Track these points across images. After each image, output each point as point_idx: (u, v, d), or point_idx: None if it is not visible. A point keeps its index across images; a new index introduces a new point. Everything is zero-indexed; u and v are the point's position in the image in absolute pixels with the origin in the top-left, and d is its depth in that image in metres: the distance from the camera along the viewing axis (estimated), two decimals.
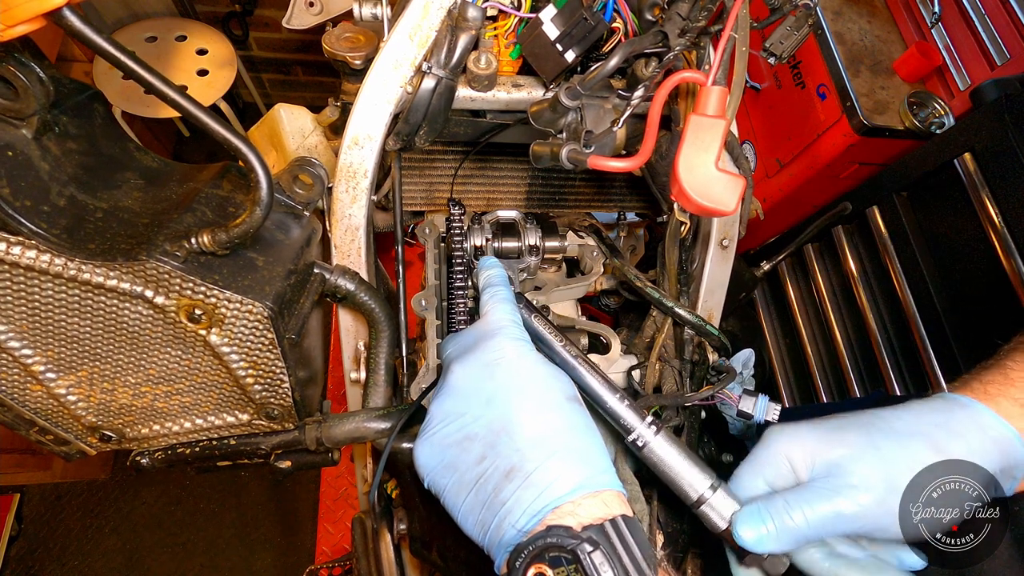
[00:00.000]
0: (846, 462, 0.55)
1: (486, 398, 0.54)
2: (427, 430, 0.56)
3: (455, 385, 0.56)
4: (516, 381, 0.55)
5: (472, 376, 0.56)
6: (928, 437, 0.55)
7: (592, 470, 0.50)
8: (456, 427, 0.54)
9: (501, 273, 0.69)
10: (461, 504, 0.52)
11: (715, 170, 0.60)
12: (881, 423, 0.57)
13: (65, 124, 0.60)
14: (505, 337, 0.58)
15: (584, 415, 0.55)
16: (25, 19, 0.45)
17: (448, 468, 0.53)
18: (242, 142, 0.55)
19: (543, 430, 0.52)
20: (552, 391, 0.55)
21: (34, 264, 0.55)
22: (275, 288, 0.63)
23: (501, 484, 0.50)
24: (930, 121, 1.74)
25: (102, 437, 0.75)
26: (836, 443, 0.56)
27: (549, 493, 0.48)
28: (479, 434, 0.52)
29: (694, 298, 0.92)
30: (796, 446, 0.58)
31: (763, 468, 0.59)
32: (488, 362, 0.56)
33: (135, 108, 2.36)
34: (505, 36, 0.75)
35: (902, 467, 0.54)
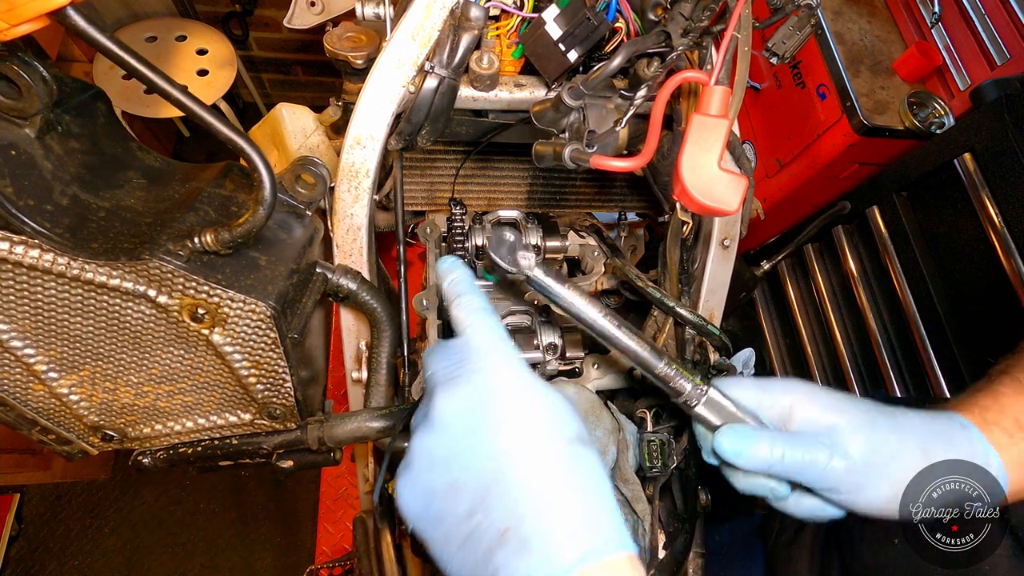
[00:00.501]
0: (841, 427, 0.57)
1: (475, 439, 0.47)
2: (410, 470, 0.49)
3: (439, 419, 0.48)
4: (509, 420, 0.47)
5: (458, 410, 0.48)
6: (922, 440, 0.58)
7: (600, 532, 0.44)
8: (442, 473, 0.47)
9: (466, 275, 0.58)
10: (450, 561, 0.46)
11: (718, 170, 0.60)
12: (888, 413, 0.60)
13: (68, 123, 0.60)
14: (493, 361, 0.50)
15: (590, 458, 0.48)
16: (29, 18, 0.45)
17: (434, 519, 0.47)
18: (245, 141, 0.55)
19: (542, 483, 0.45)
20: (552, 431, 0.47)
21: (37, 263, 0.55)
22: (278, 287, 0.63)
23: (494, 546, 0.43)
24: (930, 121, 1.74)
25: (104, 437, 0.75)
26: (841, 411, 0.59)
27: (552, 563, 0.42)
28: (468, 484, 0.46)
29: (695, 298, 0.92)
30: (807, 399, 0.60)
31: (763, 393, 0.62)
32: (475, 393, 0.48)
33: (135, 108, 2.36)
34: (507, 36, 0.75)
35: (886, 453, 0.57)
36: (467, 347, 0.52)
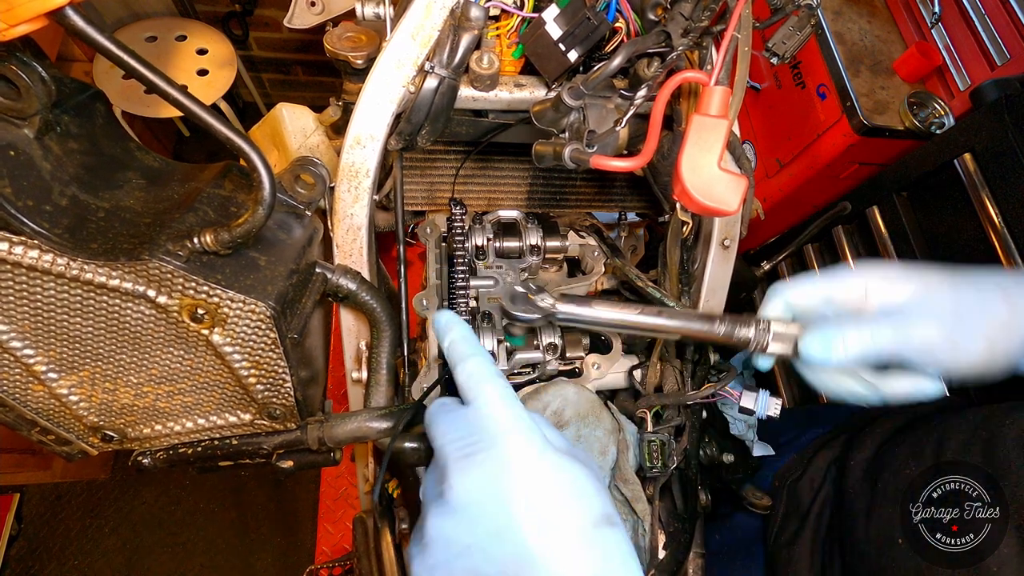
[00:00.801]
0: (923, 293, 0.57)
1: (497, 526, 0.45)
2: (426, 554, 0.47)
3: (457, 503, 0.46)
4: (534, 503, 0.45)
5: (476, 493, 0.46)
6: (1003, 288, 0.58)
7: None
8: (462, 562, 0.45)
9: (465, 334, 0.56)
10: None
11: (718, 170, 0.60)
12: (964, 273, 0.60)
13: (67, 124, 0.60)
14: (509, 439, 0.48)
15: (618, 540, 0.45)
16: (27, 18, 0.45)
17: None
18: (245, 141, 0.55)
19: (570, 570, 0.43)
20: (576, 515, 0.45)
21: (36, 264, 0.55)
22: (277, 288, 0.62)
23: None
24: (930, 121, 1.74)
25: (104, 437, 0.75)
26: (917, 279, 0.59)
27: None
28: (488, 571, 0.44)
29: (695, 298, 0.92)
30: (882, 277, 0.60)
31: (834, 284, 0.61)
32: (493, 475, 0.46)
33: (135, 108, 2.36)
34: (508, 36, 0.75)
35: (974, 310, 0.57)
36: (479, 422, 0.49)
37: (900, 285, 0.59)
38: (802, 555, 0.90)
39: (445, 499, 0.47)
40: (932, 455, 0.75)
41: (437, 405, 0.55)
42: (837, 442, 0.98)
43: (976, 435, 0.72)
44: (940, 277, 0.59)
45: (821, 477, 0.95)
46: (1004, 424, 0.70)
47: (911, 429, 0.85)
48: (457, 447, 0.48)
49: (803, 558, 0.90)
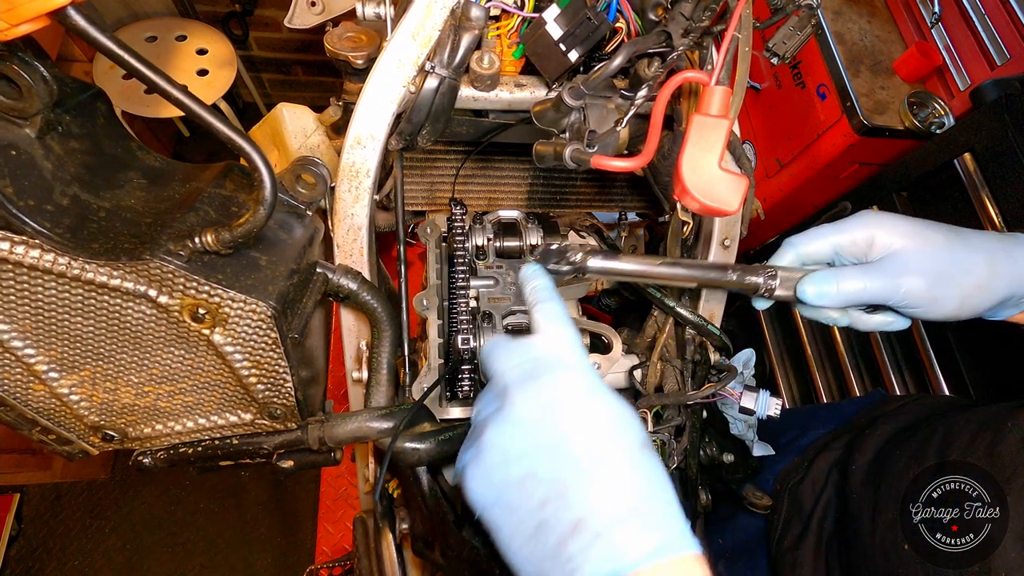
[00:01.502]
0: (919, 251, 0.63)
1: (554, 439, 0.49)
2: (482, 459, 0.51)
3: (519, 417, 0.51)
4: (587, 424, 0.50)
5: (538, 411, 0.51)
6: (990, 253, 0.65)
7: (670, 531, 0.46)
8: (517, 466, 0.49)
9: (548, 284, 0.62)
10: (517, 549, 0.48)
11: (718, 170, 0.60)
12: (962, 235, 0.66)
13: (68, 123, 0.60)
14: (574, 371, 0.53)
15: (657, 464, 0.50)
16: (29, 18, 0.45)
17: (506, 507, 0.49)
18: (246, 141, 0.55)
19: (616, 482, 0.47)
20: (626, 438, 0.50)
21: (37, 264, 0.55)
22: (278, 287, 0.63)
23: (566, 537, 0.45)
24: (930, 121, 1.74)
25: (104, 437, 0.75)
26: (922, 236, 0.64)
27: (625, 554, 0.44)
28: (544, 476, 0.48)
29: (696, 298, 0.92)
30: (888, 228, 0.65)
31: (841, 235, 0.66)
32: (556, 398, 0.51)
33: (135, 108, 2.36)
34: (508, 36, 0.75)
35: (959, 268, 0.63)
36: (546, 351, 0.55)
37: (901, 239, 0.64)
38: (806, 559, 0.90)
39: (505, 414, 0.51)
40: (935, 456, 0.75)
41: (494, 341, 0.59)
42: (839, 444, 0.98)
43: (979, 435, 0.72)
44: (939, 236, 0.65)
45: (823, 480, 0.95)
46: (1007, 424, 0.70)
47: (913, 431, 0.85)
48: (522, 371, 0.53)
49: (807, 562, 0.90)
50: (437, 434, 0.77)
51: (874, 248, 0.65)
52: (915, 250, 0.64)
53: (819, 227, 0.69)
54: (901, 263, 0.63)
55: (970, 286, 0.64)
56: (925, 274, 0.63)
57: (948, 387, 1.58)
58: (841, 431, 1.02)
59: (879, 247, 0.65)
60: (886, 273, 0.63)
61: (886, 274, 0.63)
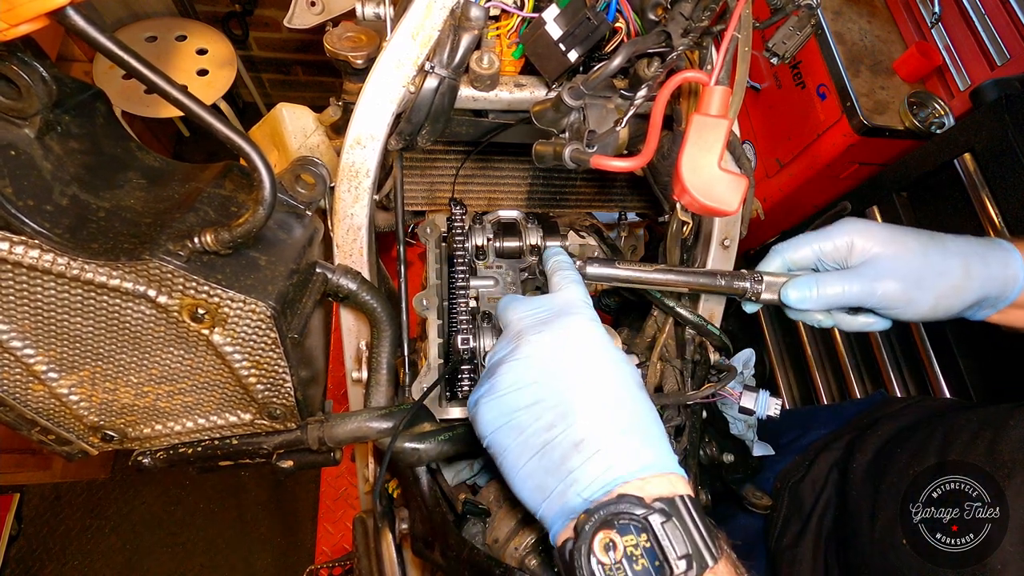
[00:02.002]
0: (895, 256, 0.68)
1: (562, 370, 0.54)
2: (494, 389, 0.56)
3: (530, 355, 0.56)
4: (592, 361, 0.55)
5: (549, 349, 0.56)
6: (965, 258, 0.69)
7: (660, 452, 0.51)
8: (527, 393, 0.54)
9: (568, 260, 0.70)
10: (521, 467, 0.52)
11: (718, 170, 0.60)
12: (938, 240, 0.70)
13: (67, 123, 0.60)
14: (582, 318, 0.59)
15: (651, 403, 0.56)
16: (28, 18, 0.45)
17: (513, 429, 0.54)
18: (245, 141, 0.55)
19: (616, 409, 0.53)
20: (625, 376, 0.56)
21: (37, 264, 0.55)
22: (278, 287, 0.62)
23: (569, 453, 0.50)
24: (930, 121, 1.74)
25: (104, 437, 0.75)
26: (898, 242, 0.68)
27: (620, 467, 0.49)
28: (550, 403, 0.53)
29: (695, 298, 0.92)
30: (866, 235, 0.69)
31: (823, 242, 0.71)
32: (566, 339, 0.56)
33: (135, 108, 2.36)
34: (508, 36, 0.75)
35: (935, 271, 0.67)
36: (560, 303, 0.61)
37: (879, 245, 0.68)
38: (804, 556, 0.90)
39: (519, 351, 0.57)
40: (935, 455, 0.75)
41: (510, 296, 0.66)
42: (839, 444, 0.98)
43: (980, 435, 0.72)
44: (915, 242, 0.69)
45: (823, 479, 0.95)
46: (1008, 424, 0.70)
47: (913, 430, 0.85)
48: (536, 318, 0.59)
49: (805, 559, 0.90)
50: (437, 434, 0.77)
51: (854, 254, 0.70)
52: (892, 255, 0.68)
53: (804, 235, 0.73)
54: (878, 268, 0.68)
55: (944, 288, 0.68)
56: (901, 278, 0.67)
57: (948, 388, 1.58)
58: (842, 431, 1.02)
59: (858, 252, 0.69)
60: (864, 277, 0.67)
61: (864, 278, 0.67)
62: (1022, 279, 0.70)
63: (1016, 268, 0.70)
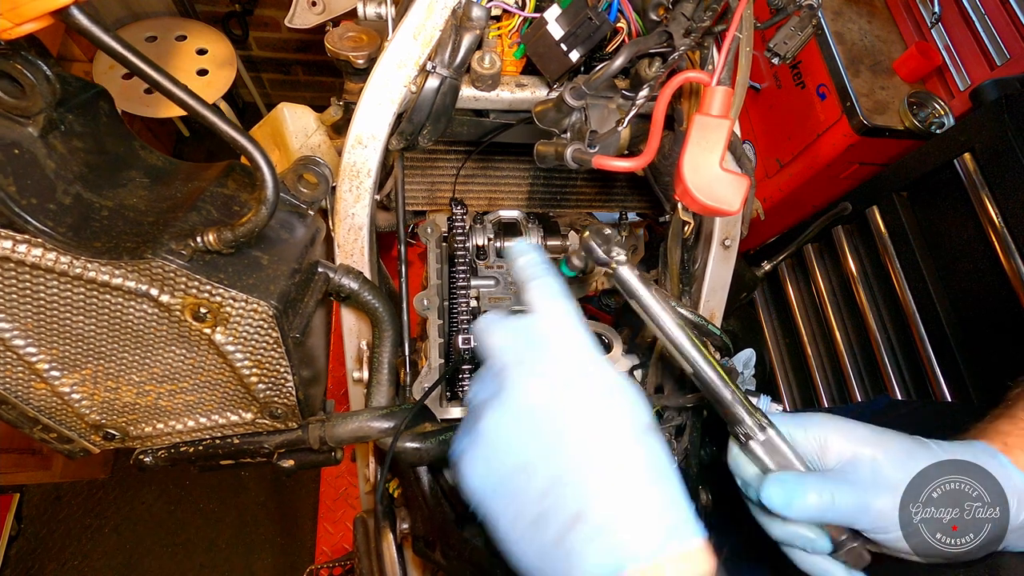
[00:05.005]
0: (882, 462, 0.57)
1: (553, 426, 0.47)
2: (479, 446, 0.49)
3: (517, 403, 0.48)
4: (588, 407, 0.48)
5: (536, 395, 0.48)
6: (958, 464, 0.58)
7: (674, 521, 0.44)
8: (517, 452, 0.47)
9: (539, 258, 0.57)
10: (517, 539, 0.46)
11: (719, 170, 0.60)
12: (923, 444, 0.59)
13: (71, 122, 0.60)
14: (572, 349, 0.51)
15: (660, 448, 0.48)
16: (32, 17, 0.45)
17: (504, 496, 0.47)
18: (248, 141, 0.55)
19: (617, 471, 0.45)
20: (629, 420, 0.48)
21: (40, 262, 0.55)
22: (280, 287, 0.63)
23: (567, 529, 0.43)
24: (930, 121, 1.75)
25: (105, 435, 0.75)
26: (877, 444, 0.58)
27: (628, 547, 0.42)
28: (543, 465, 0.46)
29: (696, 298, 0.92)
30: (840, 435, 0.59)
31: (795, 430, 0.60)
32: (555, 380, 0.49)
33: (135, 108, 2.36)
34: (509, 36, 0.76)
35: None
36: (544, 331, 0.52)
37: (862, 448, 0.58)
38: None
39: (502, 399, 0.49)
40: None
41: (488, 318, 0.55)
42: None
43: None
44: (899, 446, 0.58)
45: None
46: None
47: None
48: (519, 353, 0.51)
49: None
50: (438, 434, 0.77)
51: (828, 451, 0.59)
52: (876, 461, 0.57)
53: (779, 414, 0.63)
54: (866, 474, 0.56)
55: None
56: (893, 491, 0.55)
57: (948, 389, 1.58)
58: None
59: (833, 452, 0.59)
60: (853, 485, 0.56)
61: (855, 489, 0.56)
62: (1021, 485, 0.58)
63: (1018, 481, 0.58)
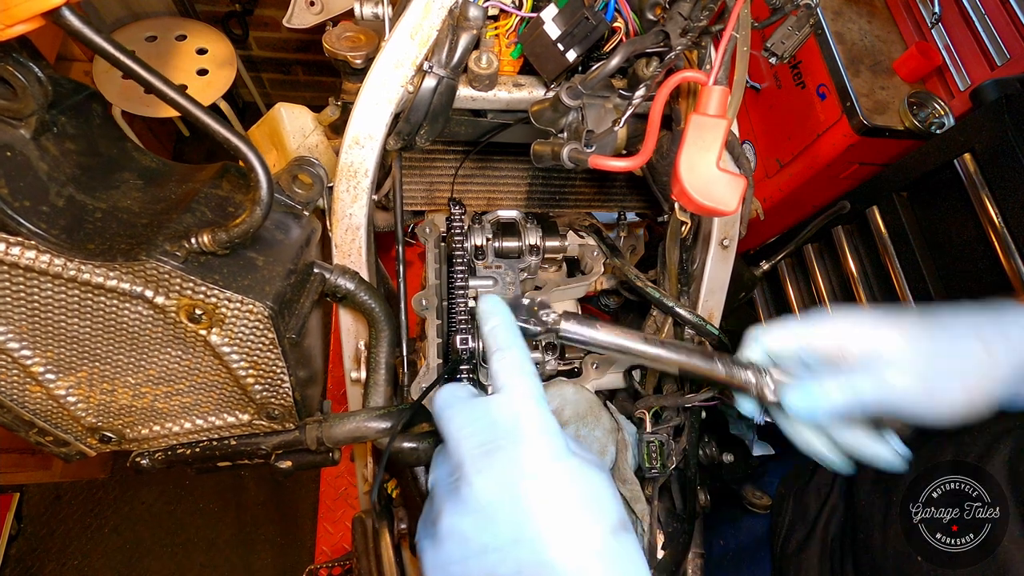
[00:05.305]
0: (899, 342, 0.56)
1: (516, 529, 0.45)
2: (440, 551, 0.47)
3: (475, 502, 0.46)
4: (553, 508, 0.45)
5: (497, 495, 0.46)
6: (978, 329, 0.57)
7: None
8: (478, 562, 0.45)
9: (508, 322, 0.55)
10: None
11: (716, 170, 0.60)
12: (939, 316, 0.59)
13: (63, 124, 0.60)
14: (536, 441, 0.47)
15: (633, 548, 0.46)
16: (24, 19, 0.45)
17: None
18: (242, 141, 0.55)
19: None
20: (597, 521, 0.46)
21: (33, 264, 0.55)
22: (275, 288, 0.62)
23: None
24: (930, 121, 1.74)
25: (102, 438, 0.75)
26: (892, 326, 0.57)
27: None
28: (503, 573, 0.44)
29: (694, 298, 0.91)
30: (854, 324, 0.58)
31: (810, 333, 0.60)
32: (517, 477, 0.46)
33: (135, 108, 2.36)
34: (506, 35, 0.75)
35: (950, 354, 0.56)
36: (504, 415, 0.49)
37: (875, 333, 0.57)
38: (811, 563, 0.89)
39: (461, 496, 0.47)
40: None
41: (448, 394, 0.53)
42: None
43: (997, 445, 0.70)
44: (915, 323, 0.58)
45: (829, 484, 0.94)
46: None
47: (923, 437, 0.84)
48: (477, 441, 0.48)
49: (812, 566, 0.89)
50: (435, 434, 0.77)
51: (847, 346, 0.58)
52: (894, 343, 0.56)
53: (785, 321, 0.63)
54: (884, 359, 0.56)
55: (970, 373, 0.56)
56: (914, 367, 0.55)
57: None
58: None
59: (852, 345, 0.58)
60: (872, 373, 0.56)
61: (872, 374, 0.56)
62: None
63: None
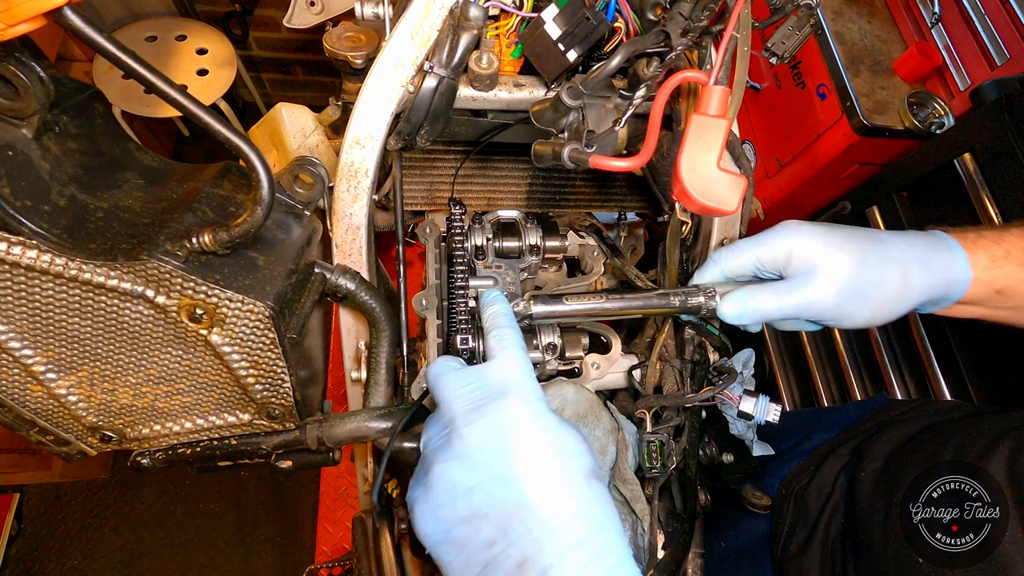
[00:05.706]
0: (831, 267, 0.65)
1: (500, 472, 0.50)
2: (430, 495, 0.51)
3: (465, 451, 0.51)
4: (533, 455, 0.51)
5: (484, 443, 0.51)
6: (906, 266, 0.66)
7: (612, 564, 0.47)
8: (464, 502, 0.50)
9: (506, 311, 0.63)
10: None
11: (717, 170, 0.60)
12: (879, 245, 0.67)
13: (65, 124, 0.60)
14: (521, 398, 0.53)
15: (602, 493, 0.52)
16: (26, 18, 0.45)
17: (454, 545, 0.50)
18: (243, 141, 0.55)
19: (561, 516, 0.48)
20: (572, 468, 0.51)
21: (35, 264, 0.55)
22: (276, 287, 0.62)
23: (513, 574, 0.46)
24: (930, 121, 1.74)
25: (102, 437, 0.75)
26: (836, 248, 0.65)
27: None
28: (490, 514, 0.49)
29: None
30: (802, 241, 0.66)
31: (761, 248, 0.68)
32: (503, 429, 0.51)
33: (135, 108, 2.36)
34: (507, 35, 0.75)
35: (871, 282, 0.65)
36: (496, 377, 0.55)
37: (816, 252, 0.65)
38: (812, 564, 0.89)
39: (452, 446, 0.52)
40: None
41: (442, 364, 0.59)
42: (845, 449, 0.97)
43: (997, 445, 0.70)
44: (855, 247, 0.65)
45: (830, 485, 0.94)
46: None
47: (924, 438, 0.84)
48: (468, 400, 0.54)
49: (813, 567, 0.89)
50: None
51: (792, 262, 0.67)
52: (827, 267, 0.65)
53: (742, 241, 0.71)
54: (813, 282, 0.65)
55: (880, 299, 0.66)
56: (835, 292, 0.65)
57: (949, 389, 1.58)
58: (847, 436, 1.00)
59: (796, 261, 0.67)
60: (798, 292, 0.66)
61: (798, 293, 0.66)
62: (965, 282, 0.68)
63: (960, 270, 0.68)
